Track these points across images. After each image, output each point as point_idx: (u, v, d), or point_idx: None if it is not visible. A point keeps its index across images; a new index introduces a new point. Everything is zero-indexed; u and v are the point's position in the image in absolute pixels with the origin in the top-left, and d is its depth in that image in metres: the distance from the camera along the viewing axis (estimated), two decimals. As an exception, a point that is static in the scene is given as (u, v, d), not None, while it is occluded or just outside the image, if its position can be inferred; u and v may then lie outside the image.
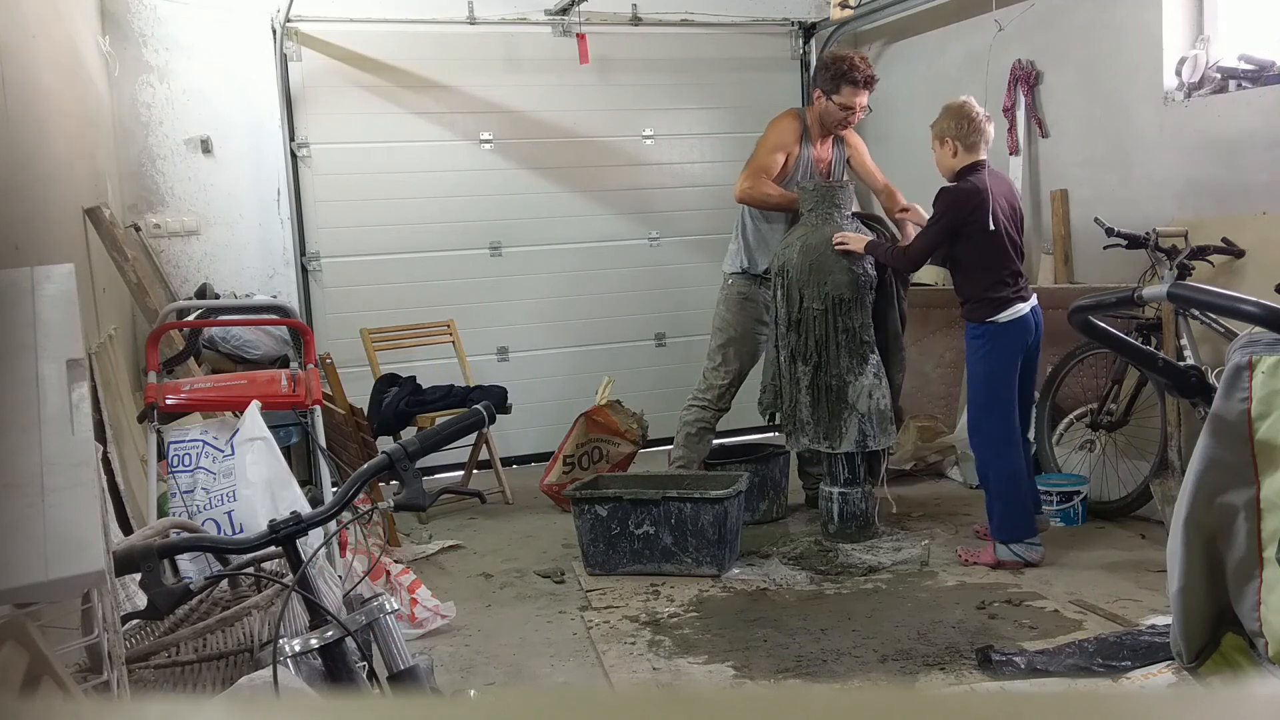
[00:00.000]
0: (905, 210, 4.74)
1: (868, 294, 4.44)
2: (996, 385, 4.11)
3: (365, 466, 1.78)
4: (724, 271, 5.02)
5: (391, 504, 1.79)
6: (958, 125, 4.09)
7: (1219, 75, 4.70)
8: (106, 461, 2.98)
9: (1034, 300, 4.16)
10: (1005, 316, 4.07)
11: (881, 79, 6.91)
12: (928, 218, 4.31)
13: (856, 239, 4.39)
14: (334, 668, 1.74)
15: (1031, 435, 5.08)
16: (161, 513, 3.20)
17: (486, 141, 6.29)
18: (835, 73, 4.68)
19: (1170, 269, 4.26)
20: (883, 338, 4.58)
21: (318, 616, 1.75)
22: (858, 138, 5.05)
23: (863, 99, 4.72)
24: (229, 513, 2.94)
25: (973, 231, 4.07)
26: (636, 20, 6.49)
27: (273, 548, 1.79)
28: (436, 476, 5.68)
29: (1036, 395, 4.51)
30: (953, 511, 4.90)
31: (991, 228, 4.01)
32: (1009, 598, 3.77)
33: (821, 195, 4.50)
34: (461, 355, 5.94)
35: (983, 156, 4.13)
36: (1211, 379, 2.15)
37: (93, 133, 4.51)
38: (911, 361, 4.99)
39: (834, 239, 4.39)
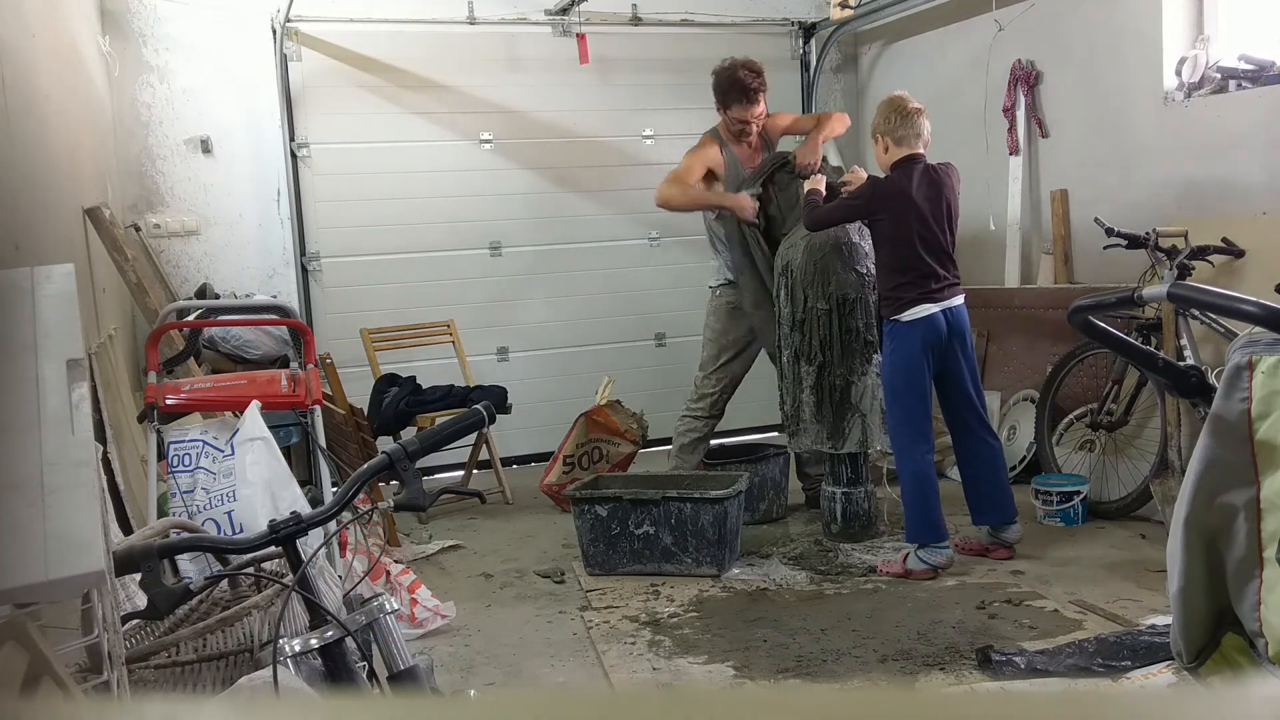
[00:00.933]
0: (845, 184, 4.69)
1: (870, 293, 4.44)
2: (900, 383, 4.07)
3: (365, 466, 1.78)
4: (709, 286, 5.05)
5: (391, 504, 1.79)
6: (885, 120, 4.06)
7: (1219, 75, 4.70)
8: (106, 461, 2.98)
9: (952, 301, 4.06)
10: (907, 316, 4.03)
11: (881, 79, 6.96)
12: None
13: (816, 180, 4.44)
14: (334, 668, 1.74)
15: (1027, 447, 5.10)
16: (161, 513, 3.20)
17: (486, 141, 6.29)
18: (723, 90, 4.73)
19: (1170, 269, 4.26)
20: None
21: (318, 616, 1.75)
22: (780, 115, 5.05)
23: (755, 109, 4.72)
24: (229, 513, 2.94)
25: (884, 228, 4.07)
26: (636, 20, 6.49)
27: (273, 548, 1.79)
28: (436, 476, 5.68)
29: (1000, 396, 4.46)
30: (951, 512, 4.89)
31: (923, 224, 3.99)
32: (1009, 598, 3.77)
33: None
34: (461, 355, 5.95)
35: (915, 150, 4.05)
36: (1211, 379, 2.15)
37: (93, 133, 4.51)
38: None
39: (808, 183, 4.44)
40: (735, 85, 4.68)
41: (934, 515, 4.05)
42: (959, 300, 4.12)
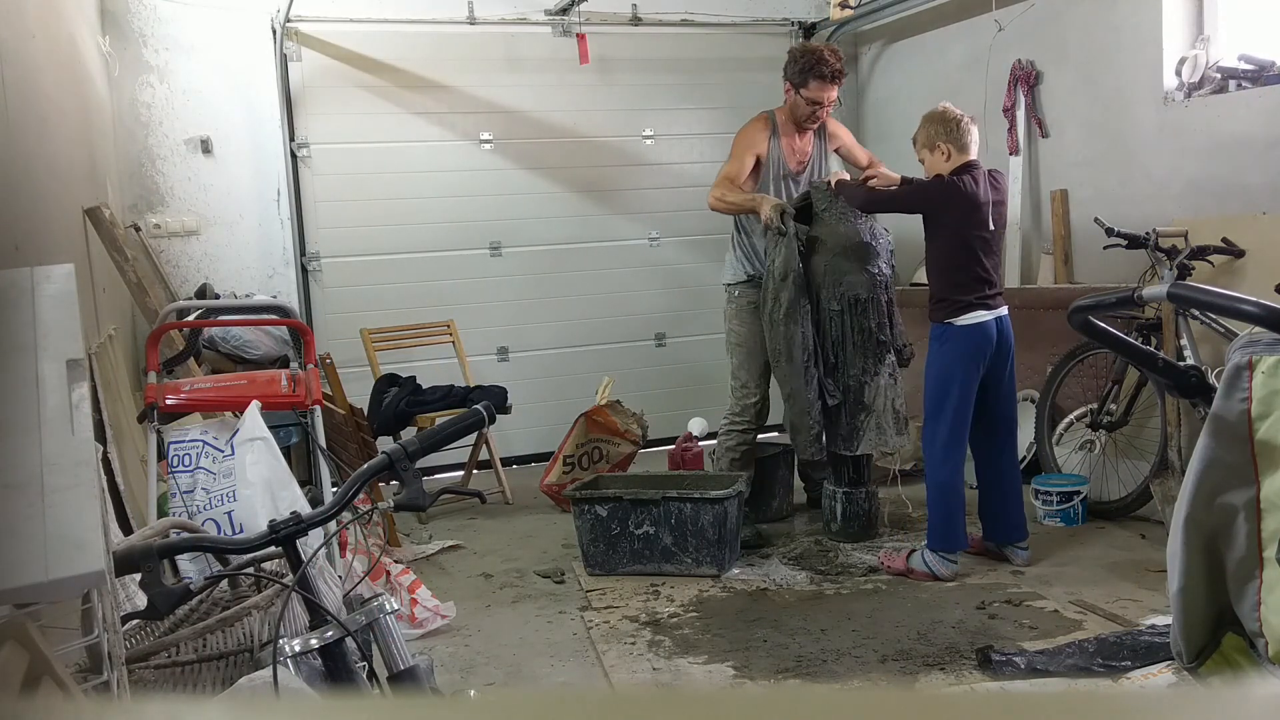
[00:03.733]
0: (871, 174, 4.62)
1: (883, 293, 4.42)
2: (946, 389, 4.02)
3: (365, 466, 1.78)
4: (725, 284, 4.83)
5: (391, 504, 1.79)
6: (947, 129, 4.04)
7: (1219, 75, 4.70)
8: (106, 461, 2.98)
9: (1001, 310, 4.05)
10: (962, 320, 3.99)
11: (881, 79, 6.96)
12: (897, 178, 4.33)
13: (839, 174, 4.45)
14: (334, 668, 1.73)
15: (1027, 447, 5.07)
16: (161, 513, 3.20)
17: (486, 141, 6.29)
18: (803, 66, 4.53)
19: (1170, 269, 4.26)
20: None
21: (318, 616, 1.75)
22: (839, 125, 4.96)
23: (831, 93, 4.57)
24: (229, 513, 2.94)
25: (945, 228, 4.04)
26: (636, 20, 6.49)
27: (273, 548, 1.79)
28: (436, 476, 5.68)
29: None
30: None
31: (985, 228, 3.97)
32: (1009, 598, 3.77)
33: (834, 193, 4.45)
34: (461, 355, 5.95)
35: (974, 156, 4.06)
36: (1211, 379, 2.15)
37: (93, 133, 4.51)
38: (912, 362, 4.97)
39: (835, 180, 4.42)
40: (820, 62, 4.49)
41: (955, 527, 4.02)
42: (1006, 310, 4.09)
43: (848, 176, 4.51)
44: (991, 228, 4.02)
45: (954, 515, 4.02)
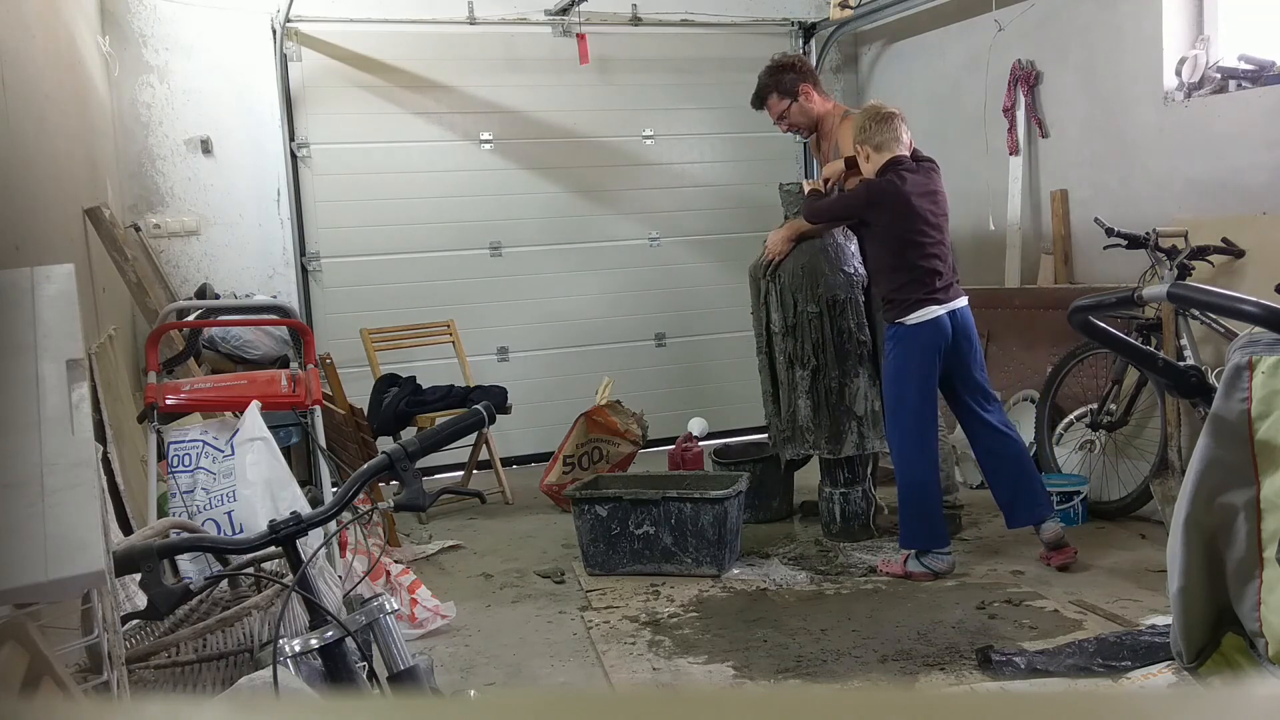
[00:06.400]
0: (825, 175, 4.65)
1: (860, 294, 4.42)
2: (904, 388, 4.00)
3: (365, 466, 1.78)
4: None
5: (391, 504, 1.79)
6: (861, 130, 4.03)
7: (1219, 75, 4.70)
8: (106, 461, 2.98)
9: (955, 303, 3.99)
10: (912, 319, 3.96)
11: (881, 79, 6.96)
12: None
13: (819, 182, 4.43)
14: (334, 668, 1.73)
15: (1026, 436, 5.06)
16: (161, 513, 3.20)
17: (486, 141, 6.29)
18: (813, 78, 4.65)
19: (1170, 269, 4.26)
20: None
21: (318, 616, 1.75)
22: (844, 130, 4.97)
23: (768, 114, 4.74)
24: (229, 513, 2.95)
25: (879, 229, 4.03)
26: (636, 20, 6.49)
27: (273, 548, 1.79)
28: (436, 476, 5.68)
29: (998, 402, 4.22)
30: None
31: (921, 223, 3.94)
32: (1009, 598, 3.77)
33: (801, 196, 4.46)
34: (461, 355, 5.94)
35: (898, 153, 4.00)
36: (1211, 379, 2.15)
37: (93, 133, 4.51)
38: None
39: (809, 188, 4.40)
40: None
41: (935, 522, 4.01)
42: (964, 301, 4.05)
43: (839, 165, 4.50)
44: (932, 220, 3.98)
45: (931, 512, 3.98)
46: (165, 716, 0.57)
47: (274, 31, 5.79)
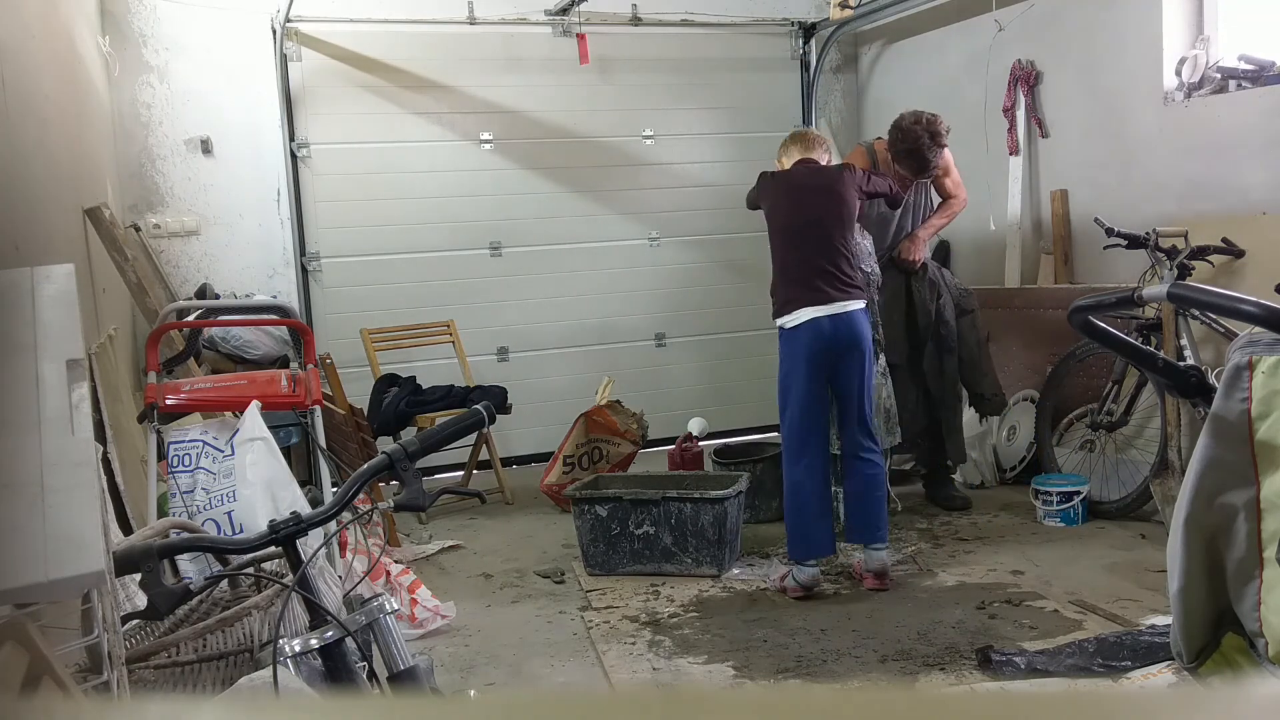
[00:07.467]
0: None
1: (875, 293, 4.41)
2: (785, 391, 3.96)
3: (365, 466, 1.78)
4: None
5: (391, 504, 1.79)
6: (784, 150, 4.16)
7: (1219, 75, 4.70)
8: (106, 461, 2.98)
9: (841, 307, 3.85)
10: (787, 320, 3.91)
11: (881, 79, 6.96)
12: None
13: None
14: (334, 668, 1.73)
15: (1027, 447, 5.05)
16: (161, 513, 3.20)
17: (486, 141, 6.29)
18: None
19: (1170, 269, 4.26)
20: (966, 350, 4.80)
21: (318, 616, 1.75)
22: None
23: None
24: (229, 513, 2.94)
25: (769, 223, 4.05)
26: (636, 20, 6.49)
27: (273, 548, 1.79)
28: (436, 476, 5.68)
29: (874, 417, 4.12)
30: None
31: (793, 219, 3.97)
32: (1009, 598, 3.77)
33: None
34: (461, 355, 5.94)
35: (798, 157, 4.06)
36: (1211, 379, 2.15)
37: (93, 133, 4.51)
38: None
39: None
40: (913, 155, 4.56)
41: (806, 532, 3.89)
42: (854, 306, 3.89)
43: (860, 148, 4.59)
44: (817, 219, 3.91)
45: (804, 520, 3.89)
46: (165, 716, 0.57)
47: (274, 31, 5.79)
